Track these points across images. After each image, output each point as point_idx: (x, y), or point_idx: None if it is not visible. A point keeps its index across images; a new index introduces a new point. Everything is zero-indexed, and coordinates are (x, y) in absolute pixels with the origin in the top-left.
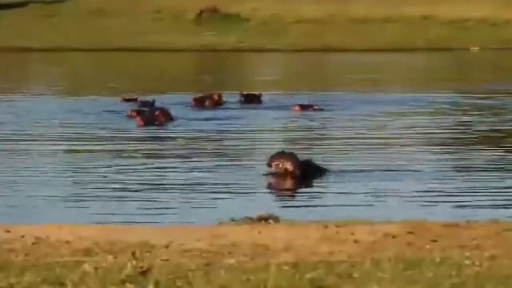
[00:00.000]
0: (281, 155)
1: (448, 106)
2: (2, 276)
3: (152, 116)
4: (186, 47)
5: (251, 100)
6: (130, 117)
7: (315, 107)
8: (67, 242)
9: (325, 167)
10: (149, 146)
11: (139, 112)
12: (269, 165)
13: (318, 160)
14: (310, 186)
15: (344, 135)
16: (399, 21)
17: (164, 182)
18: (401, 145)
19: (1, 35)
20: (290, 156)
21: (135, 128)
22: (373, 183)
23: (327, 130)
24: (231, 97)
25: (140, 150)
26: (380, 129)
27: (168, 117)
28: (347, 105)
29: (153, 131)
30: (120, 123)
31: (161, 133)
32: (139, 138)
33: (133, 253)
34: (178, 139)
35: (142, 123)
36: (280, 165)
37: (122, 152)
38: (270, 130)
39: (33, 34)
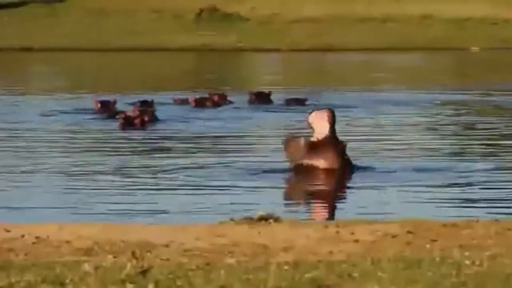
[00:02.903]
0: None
1: (448, 106)
2: (2, 276)
3: (135, 117)
4: (185, 47)
5: (261, 98)
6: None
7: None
8: (67, 241)
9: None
10: (147, 146)
11: (122, 113)
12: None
13: None
14: (311, 186)
15: (346, 135)
16: (399, 21)
17: (164, 181)
18: (401, 144)
19: (1, 35)
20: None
21: (132, 128)
22: (373, 182)
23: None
24: (231, 96)
25: (138, 150)
26: (381, 128)
27: (151, 117)
28: (350, 104)
29: (151, 131)
30: (117, 123)
31: (161, 133)
32: (138, 138)
33: (133, 253)
34: (177, 139)
35: (122, 124)
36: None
37: (121, 152)
38: (273, 129)
39: (33, 34)
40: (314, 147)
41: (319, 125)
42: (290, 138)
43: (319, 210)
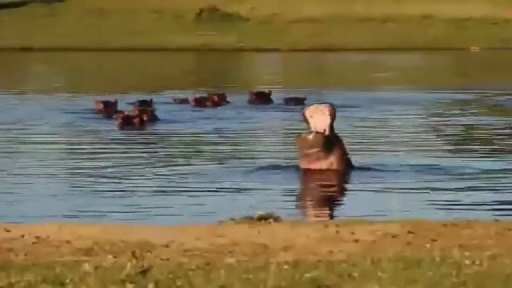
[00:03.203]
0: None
1: (448, 105)
2: (2, 276)
3: (134, 116)
4: (185, 47)
5: (261, 98)
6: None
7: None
8: (67, 241)
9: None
10: (146, 146)
11: (121, 113)
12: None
13: None
14: (311, 185)
15: (346, 134)
16: (399, 21)
17: (163, 181)
18: (401, 144)
19: (1, 35)
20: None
21: (131, 128)
22: (373, 182)
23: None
24: (231, 96)
25: (137, 150)
26: (381, 128)
27: (150, 117)
28: (350, 104)
29: (151, 130)
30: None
31: (160, 132)
32: (137, 137)
33: (133, 253)
34: (177, 139)
35: (121, 124)
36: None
37: (120, 152)
38: (273, 129)
39: (33, 34)
40: (325, 143)
41: (318, 120)
42: (298, 136)
43: (319, 210)
